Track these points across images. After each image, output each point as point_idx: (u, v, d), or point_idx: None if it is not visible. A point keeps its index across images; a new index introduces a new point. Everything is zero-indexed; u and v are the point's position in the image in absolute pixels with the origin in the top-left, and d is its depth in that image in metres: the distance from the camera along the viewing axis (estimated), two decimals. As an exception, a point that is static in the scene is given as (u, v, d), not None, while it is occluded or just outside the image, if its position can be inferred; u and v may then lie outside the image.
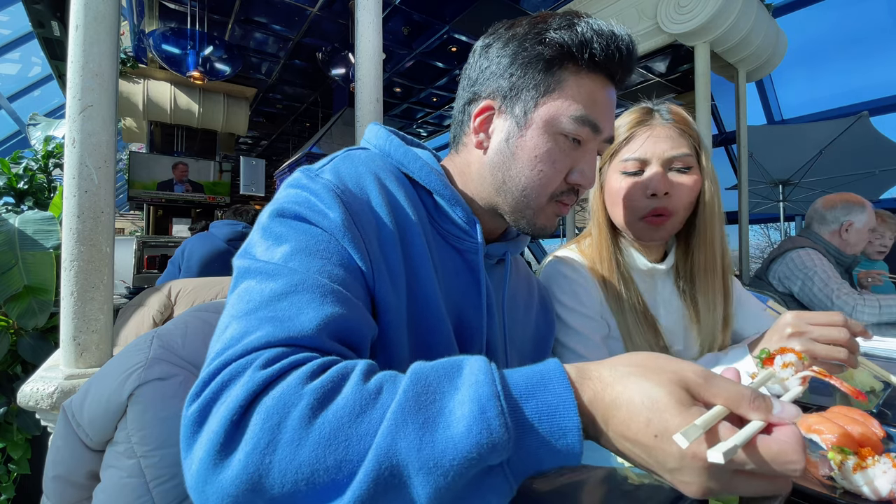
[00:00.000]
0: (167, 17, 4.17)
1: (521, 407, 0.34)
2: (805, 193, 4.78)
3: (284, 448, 0.33)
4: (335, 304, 0.44)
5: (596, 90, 0.59)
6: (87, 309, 1.06)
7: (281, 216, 0.51)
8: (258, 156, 8.35)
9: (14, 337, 1.71)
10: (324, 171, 0.54)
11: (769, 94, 4.94)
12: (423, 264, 0.56)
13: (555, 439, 0.34)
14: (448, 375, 0.37)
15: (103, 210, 1.08)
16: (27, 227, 1.77)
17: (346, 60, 4.36)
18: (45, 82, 6.23)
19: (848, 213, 1.99)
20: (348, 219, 0.50)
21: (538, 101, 0.59)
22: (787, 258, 2.00)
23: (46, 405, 1.01)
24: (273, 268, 0.45)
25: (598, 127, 0.60)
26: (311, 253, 0.47)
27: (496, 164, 0.62)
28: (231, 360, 0.38)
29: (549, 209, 0.63)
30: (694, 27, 2.37)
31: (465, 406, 0.34)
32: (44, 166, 2.79)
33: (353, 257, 0.49)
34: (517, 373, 0.37)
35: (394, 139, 0.64)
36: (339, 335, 0.44)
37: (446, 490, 0.33)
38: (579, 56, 0.57)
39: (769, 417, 0.33)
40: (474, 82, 0.64)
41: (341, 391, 0.36)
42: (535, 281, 0.86)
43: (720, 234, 0.90)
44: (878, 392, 0.79)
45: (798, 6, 4.03)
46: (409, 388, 0.35)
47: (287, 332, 0.41)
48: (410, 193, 0.60)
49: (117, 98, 1.12)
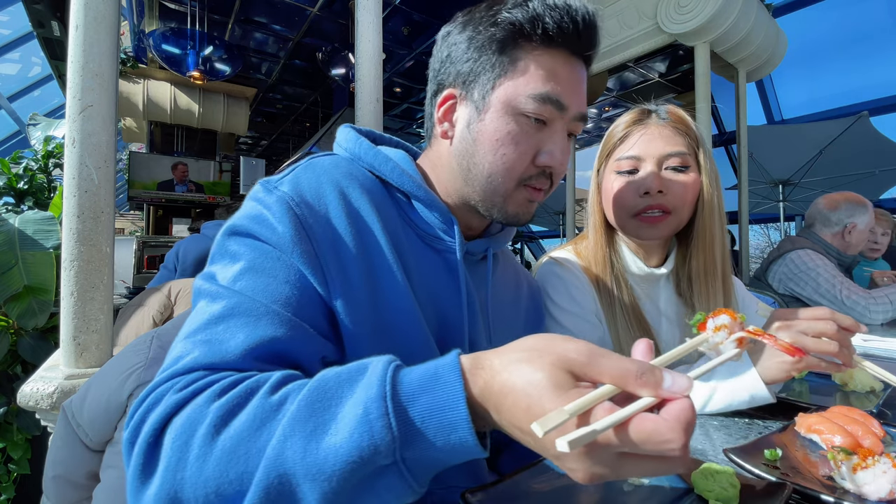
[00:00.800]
0: (167, 17, 4.17)
1: (408, 406, 0.34)
2: (805, 193, 4.78)
3: (192, 465, 0.36)
4: (270, 327, 0.45)
5: (556, 66, 0.57)
6: (87, 309, 1.06)
7: (234, 234, 0.52)
8: (258, 156, 8.36)
9: (14, 337, 1.71)
10: (283, 183, 0.53)
11: (769, 94, 4.94)
12: (388, 273, 0.54)
13: (446, 435, 0.34)
14: (350, 380, 0.37)
15: (103, 210, 1.08)
16: (27, 227, 1.77)
17: (346, 60, 4.36)
18: (45, 82, 6.23)
19: (852, 215, 1.97)
20: (300, 233, 0.49)
21: (495, 83, 0.57)
22: (786, 259, 1.99)
23: (46, 405, 1.01)
24: (218, 290, 0.47)
25: (562, 103, 0.57)
26: (257, 272, 0.48)
27: (461, 152, 0.61)
28: (160, 384, 0.41)
29: (518, 195, 0.60)
30: (694, 27, 2.37)
31: (353, 410, 0.34)
32: (44, 166, 2.79)
33: (304, 273, 0.49)
34: (414, 371, 0.36)
35: (363, 142, 0.62)
36: (272, 357, 0.44)
37: (335, 494, 0.33)
38: (532, 32, 0.55)
39: (659, 392, 0.31)
40: (437, 72, 0.63)
41: (246, 406, 0.38)
42: (523, 274, 0.84)
43: (720, 236, 0.87)
44: (878, 392, 0.79)
45: (798, 6, 4.04)
46: (305, 396, 0.36)
47: (213, 356, 0.43)
48: (380, 198, 0.58)
49: (117, 98, 1.12)
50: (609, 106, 4.41)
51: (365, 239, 0.54)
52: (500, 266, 0.74)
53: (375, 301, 0.53)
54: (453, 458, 0.35)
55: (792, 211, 5.12)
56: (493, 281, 0.69)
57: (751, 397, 0.68)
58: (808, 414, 0.61)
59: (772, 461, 0.51)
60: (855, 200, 2.00)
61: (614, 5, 2.71)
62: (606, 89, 3.53)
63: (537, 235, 9.02)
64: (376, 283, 0.53)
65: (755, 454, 0.52)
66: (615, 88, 3.76)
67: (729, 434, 0.63)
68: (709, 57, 2.46)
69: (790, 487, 0.43)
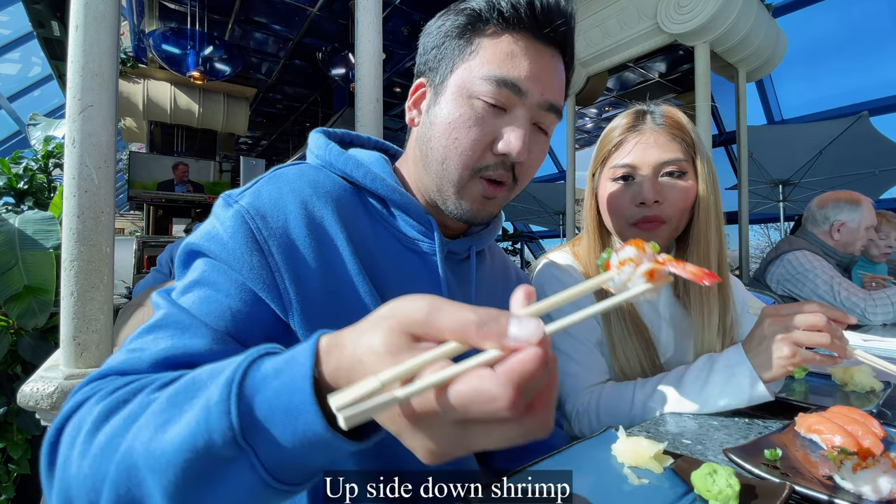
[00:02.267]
0: (167, 17, 4.17)
1: (257, 391, 0.31)
2: (805, 193, 4.77)
3: (75, 463, 0.36)
4: (194, 339, 0.45)
5: (515, 49, 0.55)
6: (87, 309, 1.06)
7: (189, 250, 0.52)
8: (258, 156, 8.36)
9: (14, 337, 1.71)
10: (244, 196, 0.53)
11: (769, 94, 4.94)
12: (351, 284, 0.53)
13: (292, 420, 0.30)
14: (223, 369, 0.34)
15: (103, 210, 1.08)
16: (27, 227, 1.77)
17: (346, 60, 4.36)
18: (45, 82, 6.23)
19: (838, 213, 1.95)
20: (251, 247, 0.49)
21: (453, 67, 0.57)
22: (784, 260, 1.98)
23: (46, 405, 1.01)
24: (162, 302, 0.49)
25: (519, 88, 0.55)
26: (203, 285, 0.49)
27: (421, 137, 0.60)
28: (83, 385, 0.43)
29: (473, 187, 0.58)
30: (694, 27, 2.37)
31: (203, 399, 0.33)
32: (44, 166, 2.79)
33: (253, 289, 0.49)
34: (276, 357, 0.33)
35: (332, 147, 0.61)
36: (187, 367, 0.43)
37: (176, 488, 0.32)
38: (489, 16, 0.55)
39: (503, 343, 0.26)
40: (417, 65, 0.64)
41: (130, 402, 0.38)
42: (512, 268, 0.83)
43: (717, 243, 0.85)
44: (878, 392, 0.79)
45: (798, 6, 4.03)
46: (175, 387, 0.36)
47: (128, 363, 0.44)
48: (349, 206, 0.57)
49: (117, 98, 1.12)
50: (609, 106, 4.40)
51: (326, 250, 0.53)
52: (485, 264, 0.73)
53: (338, 313, 0.51)
54: (311, 451, 0.30)
55: (792, 211, 5.11)
56: (478, 279, 0.69)
57: (749, 396, 0.68)
58: (808, 414, 0.61)
59: (772, 461, 0.51)
60: (845, 198, 1.97)
61: (614, 5, 2.71)
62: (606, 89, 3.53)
63: (537, 235, 9.02)
64: (339, 295, 0.52)
65: (755, 454, 0.52)
66: (615, 88, 3.76)
67: (729, 434, 0.63)
68: (709, 57, 2.46)
69: (790, 487, 0.43)
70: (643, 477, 0.48)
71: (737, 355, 0.70)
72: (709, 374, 0.71)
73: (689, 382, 0.72)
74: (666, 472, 0.48)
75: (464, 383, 0.25)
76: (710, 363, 0.73)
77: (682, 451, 0.57)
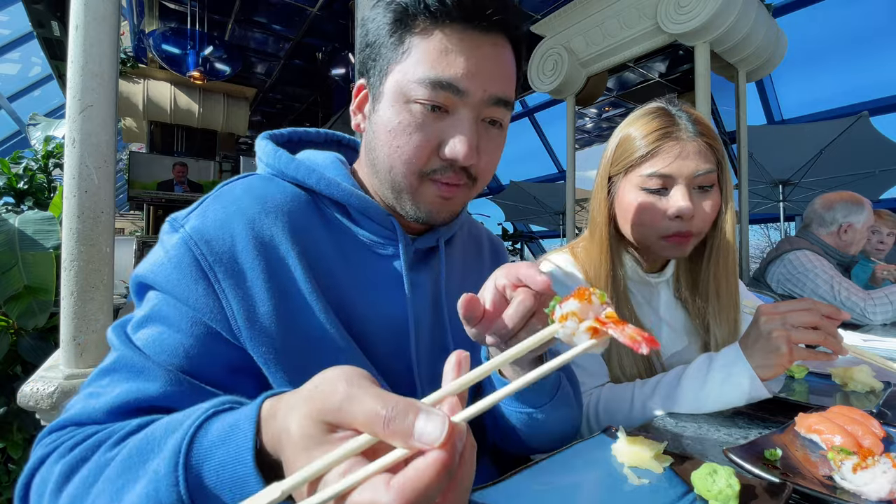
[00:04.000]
0: (167, 17, 4.17)
1: (204, 460, 0.32)
2: (805, 193, 4.77)
3: None
4: (146, 382, 0.44)
5: (449, 44, 0.50)
6: (87, 309, 1.06)
7: (138, 283, 0.51)
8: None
9: (14, 337, 1.71)
10: (188, 219, 0.50)
11: (769, 94, 4.94)
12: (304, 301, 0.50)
13: (240, 490, 0.31)
14: (175, 428, 0.35)
15: (103, 210, 1.08)
16: (27, 227, 1.77)
17: (346, 60, 4.36)
18: (45, 82, 6.23)
19: (847, 215, 1.97)
20: (197, 276, 0.47)
21: (388, 70, 0.53)
22: (784, 260, 1.98)
23: (46, 405, 1.01)
24: (116, 341, 0.48)
25: (458, 88, 0.50)
26: (155, 321, 0.48)
27: (367, 144, 0.57)
28: (43, 436, 0.44)
29: (426, 190, 0.55)
30: (694, 27, 2.37)
31: (153, 468, 0.33)
32: (44, 166, 2.80)
33: (203, 320, 0.47)
34: (223, 419, 0.33)
35: (281, 154, 0.58)
36: (143, 410, 0.44)
37: None
38: (415, 11, 0.50)
39: (410, 443, 0.24)
40: (357, 61, 0.62)
41: (89, 460, 0.38)
42: (485, 237, 0.79)
43: (734, 261, 0.87)
44: (878, 392, 0.79)
45: (798, 6, 4.04)
46: (128, 450, 0.36)
47: (83, 412, 0.44)
48: (302, 217, 0.54)
49: (117, 98, 1.12)
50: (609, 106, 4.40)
51: (277, 271, 0.50)
52: (456, 247, 0.69)
53: (293, 336, 0.49)
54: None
55: (792, 211, 5.11)
56: (450, 267, 0.66)
57: (748, 395, 0.68)
58: (808, 414, 0.61)
59: (772, 461, 0.51)
60: (850, 200, 1.98)
61: (614, 5, 2.71)
62: (606, 89, 3.53)
63: (537, 235, 9.03)
64: (292, 317, 0.50)
65: (755, 454, 0.52)
66: (615, 88, 3.76)
67: (729, 434, 0.63)
68: (709, 57, 2.46)
69: (790, 487, 0.43)
70: (643, 477, 0.48)
71: (734, 354, 0.70)
72: (707, 373, 0.71)
73: (687, 382, 0.72)
74: (666, 472, 0.48)
75: (359, 495, 0.24)
76: (708, 362, 0.73)
77: (682, 451, 0.57)
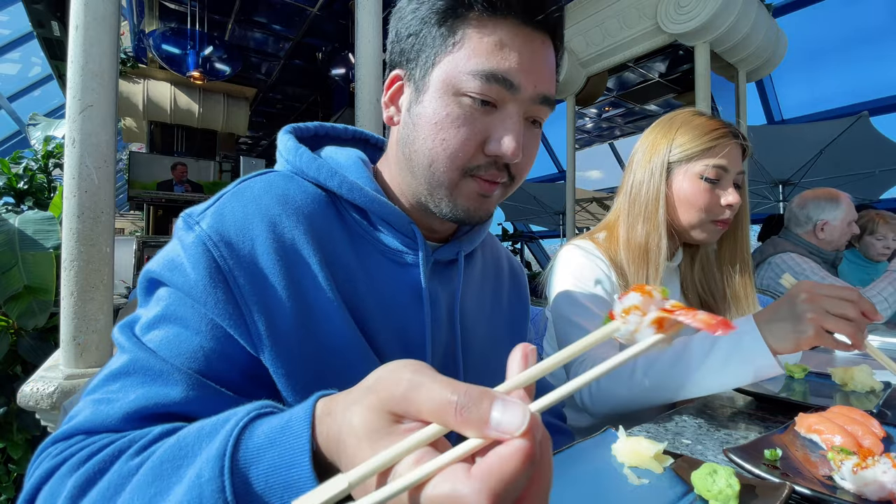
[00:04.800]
0: (167, 17, 4.17)
1: (251, 464, 0.30)
2: (805, 193, 4.77)
3: None
4: (166, 386, 0.42)
5: (504, 38, 0.49)
6: (87, 309, 1.06)
7: (150, 278, 0.48)
8: (258, 156, 8.36)
9: (14, 337, 1.71)
10: (205, 216, 0.48)
11: (769, 94, 4.95)
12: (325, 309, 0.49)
13: (292, 495, 0.28)
14: (209, 434, 0.32)
15: (103, 210, 1.08)
16: (27, 227, 1.77)
17: (346, 60, 4.36)
18: (45, 82, 6.23)
19: (820, 212, 1.93)
20: (216, 279, 0.45)
21: (435, 60, 0.50)
22: (771, 264, 1.96)
23: (46, 405, 1.01)
24: (125, 343, 0.45)
25: (511, 82, 0.49)
26: (170, 321, 0.45)
27: (404, 138, 0.54)
28: (45, 447, 0.41)
29: (466, 187, 0.53)
30: (694, 27, 2.37)
31: (194, 470, 0.31)
32: (44, 166, 2.80)
33: (220, 324, 0.45)
34: (270, 420, 0.31)
35: (303, 153, 0.55)
36: (162, 420, 0.41)
37: None
38: (472, 2, 0.48)
39: (485, 432, 0.23)
40: (389, 52, 0.56)
41: (107, 472, 0.35)
42: (505, 259, 0.78)
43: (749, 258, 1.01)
44: (878, 392, 0.79)
45: (798, 6, 4.04)
46: (158, 457, 0.33)
47: (95, 419, 0.41)
48: (323, 220, 0.53)
49: (117, 98, 1.12)
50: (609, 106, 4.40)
51: (299, 278, 0.48)
52: (475, 262, 0.68)
53: (313, 347, 0.48)
54: None
55: (792, 211, 5.11)
56: (467, 282, 0.64)
57: (755, 367, 0.66)
58: (808, 414, 0.61)
59: (772, 461, 0.51)
60: (823, 197, 1.94)
61: (614, 5, 2.71)
62: (606, 89, 3.53)
63: (537, 235, 9.02)
64: (313, 328, 0.48)
65: (755, 454, 0.52)
66: (615, 88, 3.76)
67: (729, 434, 0.63)
68: (709, 57, 2.46)
69: (790, 487, 0.43)
70: (643, 477, 0.48)
71: (747, 325, 0.68)
72: (714, 342, 0.70)
73: (695, 348, 0.71)
74: (666, 472, 0.48)
75: (437, 486, 0.22)
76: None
77: (682, 451, 0.57)
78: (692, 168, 0.93)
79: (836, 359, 1.15)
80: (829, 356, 1.17)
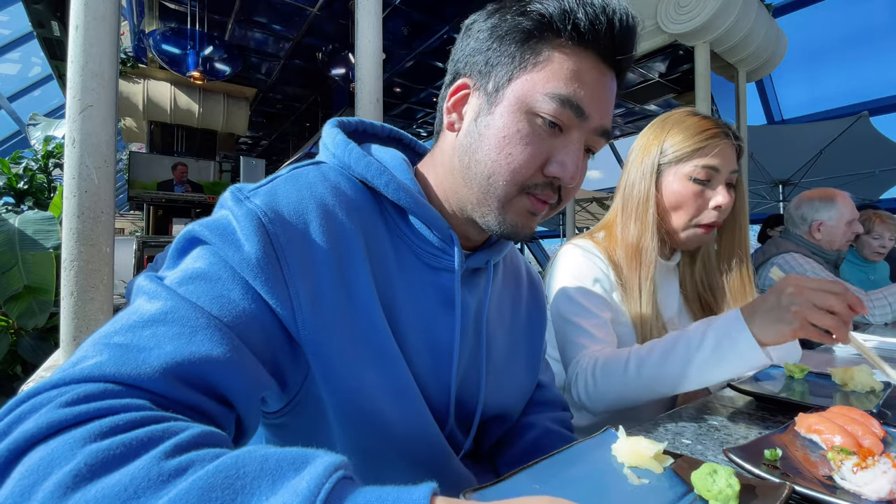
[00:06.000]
0: (167, 17, 4.17)
1: None
2: (805, 193, 4.78)
3: None
4: (208, 343, 0.37)
5: (582, 68, 0.51)
6: (87, 309, 1.06)
7: (193, 237, 0.46)
8: (258, 156, 8.36)
9: (14, 337, 1.71)
10: (257, 194, 0.47)
11: (769, 94, 4.95)
12: (365, 304, 0.49)
13: None
14: (277, 473, 0.27)
15: (103, 210, 1.08)
16: (27, 227, 1.77)
17: (346, 60, 4.36)
18: (45, 82, 6.24)
19: (815, 212, 1.92)
20: (269, 254, 0.43)
21: (512, 76, 0.52)
22: (774, 264, 1.96)
23: (46, 405, 1.01)
24: (158, 290, 0.40)
25: (583, 111, 0.51)
26: (211, 280, 0.41)
27: (464, 147, 0.55)
28: (43, 389, 0.32)
29: (519, 203, 0.54)
30: (694, 27, 2.37)
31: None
32: (44, 166, 2.80)
33: (266, 301, 0.43)
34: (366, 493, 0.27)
35: (353, 149, 0.55)
36: (202, 381, 0.37)
37: None
38: (562, 27, 0.50)
39: None
40: (455, 62, 0.58)
41: (131, 462, 0.27)
42: (524, 268, 0.79)
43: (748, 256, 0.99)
44: (878, 392, 0.79)
45: (798, 6, 4.04)
46: (209, 476, 0.26)
47: (124, 365, 0.33)
48: (369, 216, 0.53)
49: (117, 98, 1.12)
50: (609, 106, 4.42)
51: (347, 271, 0.48)
52: (498, 271, 0.70)
53: (349, 334, 0.48)
54: None
55: (792, 211, 5.12)
56: (493, 290, 0.65)
57: (747, 361, 0.68)
58: (808, 414, 0.61)
59: (772, 461, 0.51)
60: (818, 197, 1.93)
61: (614, 5, 2.71)
62: (606, 89, 3.53)
63: (537, 235, 9.03)
64: (351, 324, 0.48)
65: (755, 454, 0.52)
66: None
67: (729, 434, 0.63)
68: (709, 57, 2.46)
69: (790, 487, 0.43)
70: (643, 477, 0.48)
71: (735, 321, 0.70)
72: (703, 336, 0.72)
73: (684, 343, 0.73)
74: (666, 472, 0.48)
75: None
76: (707, 323, 0.74)
77: (682, 451, 0.57)
78: (682, 169, 0.93)
79: (836, 359, 1.15)
80: (829, 356, 1.17)
